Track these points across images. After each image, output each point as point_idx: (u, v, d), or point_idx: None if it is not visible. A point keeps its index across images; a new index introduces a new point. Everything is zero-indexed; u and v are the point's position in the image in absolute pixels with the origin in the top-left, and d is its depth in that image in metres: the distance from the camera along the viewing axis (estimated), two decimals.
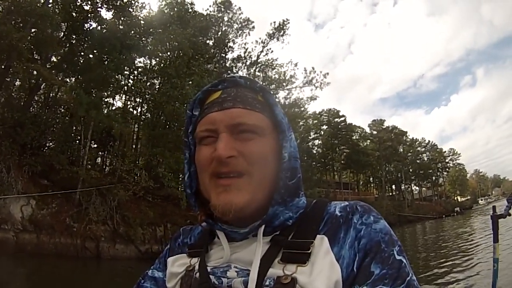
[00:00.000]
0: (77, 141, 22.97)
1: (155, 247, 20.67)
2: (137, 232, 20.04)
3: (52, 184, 18.50)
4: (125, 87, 27.51)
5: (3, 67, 19.05)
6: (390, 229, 0.78)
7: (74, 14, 22.48)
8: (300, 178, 0.86)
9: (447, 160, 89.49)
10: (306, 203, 0.88)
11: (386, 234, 0.76)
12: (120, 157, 24.91)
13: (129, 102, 31.20)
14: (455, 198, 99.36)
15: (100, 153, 27.34)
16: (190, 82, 25.37)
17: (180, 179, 24.79)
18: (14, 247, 15.53)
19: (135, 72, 28.24)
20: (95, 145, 25.88)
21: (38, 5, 19.81)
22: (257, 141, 0.80)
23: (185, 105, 24.82)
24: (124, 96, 29.89)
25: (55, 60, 23.58)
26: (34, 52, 21.21)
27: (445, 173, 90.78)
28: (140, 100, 30.16)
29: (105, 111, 23.67)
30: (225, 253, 0.83)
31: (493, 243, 3.71)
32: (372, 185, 76.53)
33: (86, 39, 23.32)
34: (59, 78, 22.33)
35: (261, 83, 0.92)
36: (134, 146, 30.05)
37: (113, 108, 28.47)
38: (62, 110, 24.65)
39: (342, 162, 64.12)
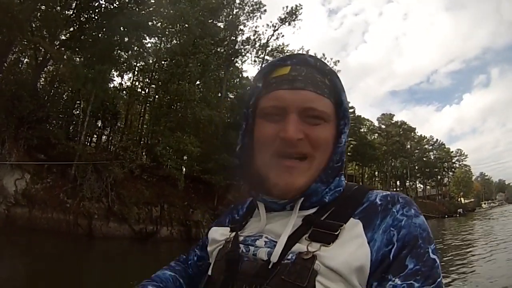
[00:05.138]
0: (80, 118, 22.76)
1: (149, 227, 20.57)
2: (131, 211, 19.83)
3: (49, 159, 18.21)
4: (134, 67, 27.55)
5: (5, 40, 18.73)
6: (428, 226, 0.77)
7: None
8: (344, 160, 0.89)
9: (453, 160, 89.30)
10: (347, 186, 0.91)
11: (424, 230, 0.76)
12: (119, 134, 24.89)
13: (137, 83, 31.35)
14: (459, 199, 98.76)
15: (106, 132, 27.25)
16: (196, 61, 25.08)
17: (184, 159, 24.77)
18: (4, 221, 15.32)
19: (144, 52, 28.01)
20: (100, 124, 25.79)
21: None
22: (323, 127, 0.83)
23: (189, 83, 24.69)
24: (132, 75, 30.10)
25: (64, 38, 23.31)
26: (44, 31, 21.11)
27: (450, 173, 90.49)
28: (148, 81, 30.10)
29: (108, 88, 23.38)
30: (261, 223, 0.88)
31: None
32: (377, 179, 76.07)
33: (96, 17, 22.96)
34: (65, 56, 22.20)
35: None
36: (139, 126, 30.08)
37: (119, 86, 28.58)
38: (65, 86, 24.58)
39: (349, 154, 63.72)
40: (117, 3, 22.51)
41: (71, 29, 23.06)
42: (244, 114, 0.91)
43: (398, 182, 78.74)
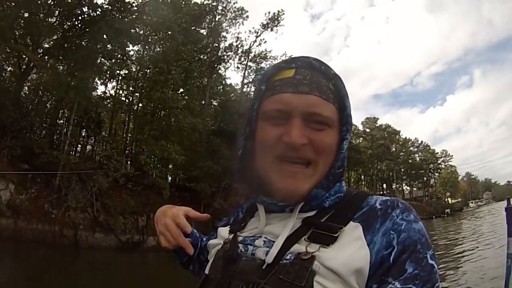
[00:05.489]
0: (64, 127, 22.55)
1: (136, 237, 20.33)
2: (117, 221, 19.63)
3: (33, 169, 17.97)
4: (118, 75, 27.58)
5: None
6: (426, 232, 0.78)
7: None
8: (345, 166, 0.89)
9: (439, 161, 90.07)
10: (347, 192, 0.90)
11: (423, 236, 0.76)
12: (103, 143, 24.76)
13: (121, 91, 31.23)
14: (446, 200, 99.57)
15: (90, 141, 27.02)
16: (179, 69, 25.06)
17: (169, 168, 24.68)
18: None
19: (127, 59, 27.90)
20: (85, 133, 25.58)
21: None
22: (327, 133, 0.82)
23: (172, 91, 24.70)
24: (116, 84, 29.99)
25: (47, 46, 23.13)
26: (28, 39, 21.04)
27: (436, 174, 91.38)
28: (132, 89, 30.00)
29: (91, 95, 23.22)
30: (260, 223, 0.89)
31: (507, 237, 3.57)
32: (363, 183, 76.45)
33: (79, 24, 22.78)
34: (48, 65, 22.01)
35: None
36: (124, 135, 29.97)
37: (103, 94, 28.43)
38: (48, 94, 24.33)
39: None
40: (100, 10, 22.37)
41: (54, 36, 22.89)
42: (248, 119, 0.90)
43: (384, 185, 79.25)
